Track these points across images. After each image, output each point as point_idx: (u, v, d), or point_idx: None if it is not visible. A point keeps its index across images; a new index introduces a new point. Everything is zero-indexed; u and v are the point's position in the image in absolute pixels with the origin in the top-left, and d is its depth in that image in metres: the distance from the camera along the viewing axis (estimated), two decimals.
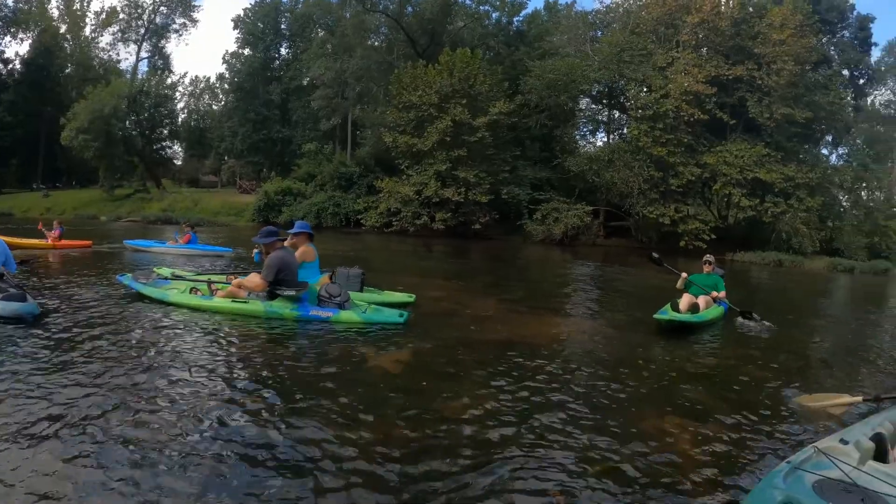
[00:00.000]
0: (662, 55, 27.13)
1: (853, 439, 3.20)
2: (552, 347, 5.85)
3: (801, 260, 25.37)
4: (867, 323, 11.52)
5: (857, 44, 34.15)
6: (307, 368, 4.50)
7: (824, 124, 29.24)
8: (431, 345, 5.46)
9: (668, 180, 25.51)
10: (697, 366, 5.66)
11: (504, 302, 8.62)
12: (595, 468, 3.16)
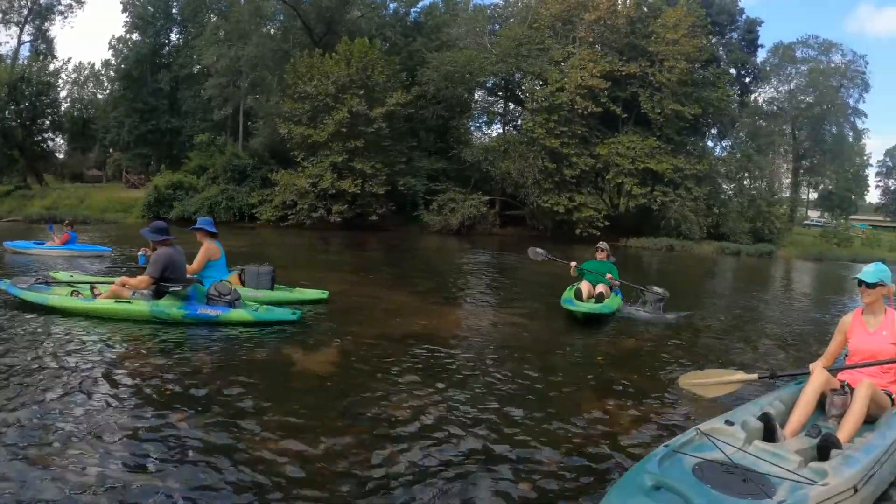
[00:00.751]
0: (559, 50, 28.04)
1: (739, 420, 3.20)
2: (470, 338, 6.07)
3: (691, 245, 27.13)
4: (760, 302, 12.38)
5: (744, 45, 36.35)
6: (230, 377, 4.20)
7: (711, 119, 31.09)
8: (357, 342, 5.47)
9: (563, 171, 26.32)
10: (606, 351, 5.93)
11: (416, 294, 8.75)
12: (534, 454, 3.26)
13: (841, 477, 2.69)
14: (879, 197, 68.42)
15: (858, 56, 44.27)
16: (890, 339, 3.86)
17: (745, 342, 7.14)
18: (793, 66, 43.72)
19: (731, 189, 33.03)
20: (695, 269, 19.04)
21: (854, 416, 3.40)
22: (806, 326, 9.31)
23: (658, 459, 2.70)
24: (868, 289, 3.88)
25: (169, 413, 3.39)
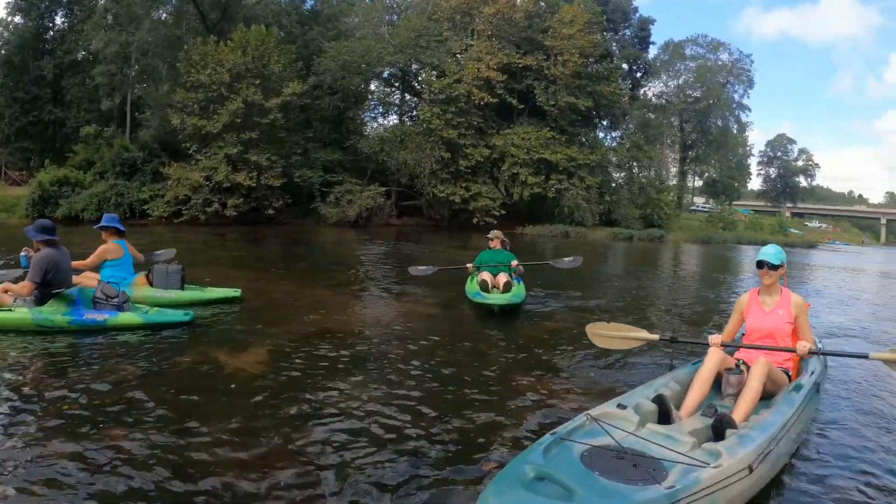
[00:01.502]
0: (457, 42, 28.65)
1: (632, 403, 3.18)
2: (386, 330, 6.12)
3: (585, 231, 28.64)
4: (657, 283, 13.11)
5: (637, 42, 38.60)
6: (159, 384, 4.01)
7: (604, 111, 32.63)
8: (280, 339, 5.40)
9: (459, 161, 26.88)
10: (510, 339, 5.98)
11: (327, 288, 8.70)
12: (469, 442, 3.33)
13: (735, 457, 2.66)
14: (761, 184, 74.81)
15: (745, 55, 47.99)
16: (786, 318, 3.97)
17: (646, 321, 7.34)
18: (682, 62, 46.78)
19: (622, 177, 34.84)
20: (592, 254, 19.79)
21: (749, 394, 3.43)
22: (701, 304, 9.76)
23: (543, 448, 2.61)
24: (770, 270, 3.97)
25: (104, 430, 3.20)
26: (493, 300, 6.94)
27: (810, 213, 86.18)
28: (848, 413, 4.37)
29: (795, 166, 73.18)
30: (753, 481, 2.73)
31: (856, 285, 16.92)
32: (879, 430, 4.05)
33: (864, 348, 6.78)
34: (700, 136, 47.25)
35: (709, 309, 9.04)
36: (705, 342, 3.87)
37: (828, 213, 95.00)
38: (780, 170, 72.74)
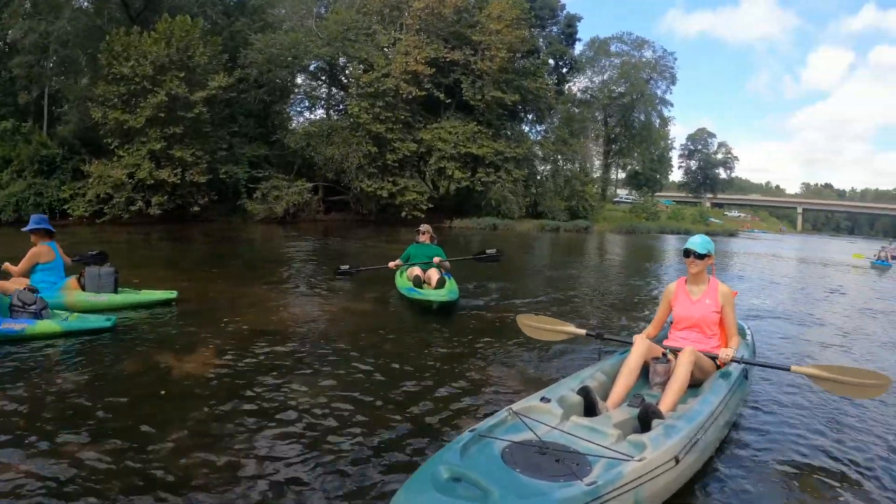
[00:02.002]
0: (386, 36, 28.80)
1: (556, 396, 3.14)
2: (323, 327, 6.13)
3: (513, 223, 29.65)
4: (585, 272, 13.58)
5: (563, 38, 39.61)
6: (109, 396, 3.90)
7: (530, 105, 33.40)
8: (224, 340, 5.37)
9: (386, 155, 27.42)
10: (441, 333, 6.12)
11: (263, 286, 8.66)
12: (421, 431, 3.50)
13: (660, 448, 2.64)
14: (682, 176, 78.60)
15: (668, 53, 50.35)
16: (713, 306, 4.03)
17: (575, 313, 7.66)
18: (607, 59, 48.65)
19: (548, 170, 36.00)
20: (521, 246, 20.57)
21: (676, 383, 3.44)
22: (629, 294, 10.14)
23: (461, 447, 2.53)
24: (697, 259, 4.02)
25: (59, 447, 3.09)
26: (431, 296, 6.91)
27: (730, 204, 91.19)
28: (777, 397, 4.58)
29: (715, 159, 77.11)
30: (680, 472, 2.73)
31: (776, 270, 18.37)
32: (807, 414, 4.27)
33: (787, 331, 7.60)
34: (623, 130, 49.24)
35: (637, 298, 9.43)
36: (630, 341, 3.85)
37: (746, 203, 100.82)
38: (700, 162, 76.56)
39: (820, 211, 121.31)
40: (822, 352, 6.66)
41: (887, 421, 4.27)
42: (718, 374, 3.75)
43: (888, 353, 6.77)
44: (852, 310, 10.57)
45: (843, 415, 4.31)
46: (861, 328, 8.47)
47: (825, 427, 4.05)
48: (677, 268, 15.51)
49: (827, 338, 7.49)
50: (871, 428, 4.11)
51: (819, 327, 8.27)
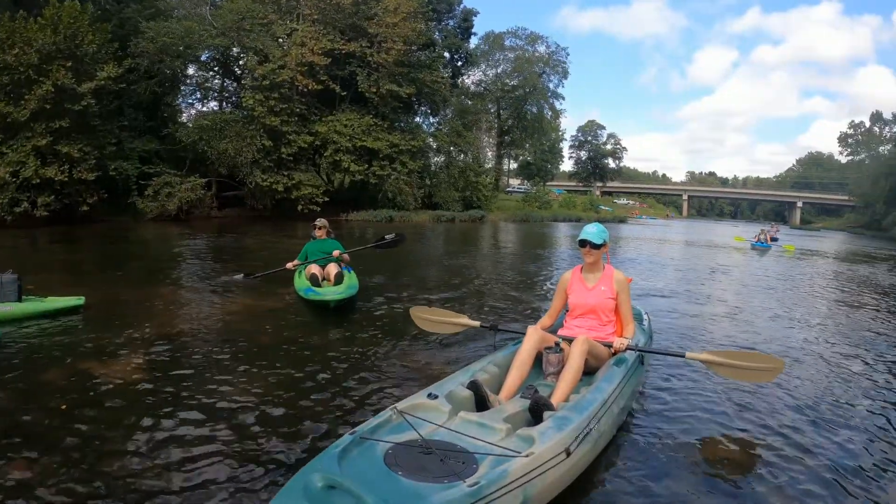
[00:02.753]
0: (282, 26, 28.57)
1: (444, 391, 3.10)
2: (230, 329, 6.11)
3: (409, 214, 30.57)
4: (481, 261, 13.99)
5: (459, 32, 40.85)
6: (37, 410, 3.81)
7: (425, 98, 34.12)
8: (142, 345, 5.32)
9: (281, 149, 27.49)
10: (341, 328, 6.26)
11: (169, 287, 8.55)
12: None
13: (549, 441, 2.62)
14: (572, 166, 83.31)
15: (561, 48, 53.19)
16: (608, 293, 4.12)
17: (472, 303, 7.90)
18: (501, 52, 50.96)
19: (442, 162, 37.15)
20: (417, 237, 20.96)
21: (569, 372, 3.45)
22: (523, 282, 10.38)
23: (340, 451, 2.44)
24: (593, 248, 4.08)
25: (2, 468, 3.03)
26: (328, 295, 6.78)
27: (619, 192, 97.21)
28: (674, 382, 4.75)
29: (605, 149, 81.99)
30: (572, 465, 2.71)
31: (666, 254, 19.91)
32: (704, 398, 4.43)
33: (682, 313, 8.09)
34: (516, 122, 51.85)
35: (533, 287, 9.74)
36: (524, 332, 3.84)
37: (635, 191, 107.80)
38: (590, 153, 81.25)
39: (704, 197, 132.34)
40: (717, 333, 7.05)
41: (781, 403, 4.47)
42: (613, 362, 3.79)
43: (777, 331, 7.40)
44: (741, 289, 11.55)
45: (739, 398, 4.48)
46: (750, 307, 9.24)
47: (721, 411, 4.22)
48: (572, 254, 16.13)
49: (720, 318, 8.12)
50: (765, 410, 4.30)
51: (711, 308, 8.97)
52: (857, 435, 3.98)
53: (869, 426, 4.19)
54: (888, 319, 9.03)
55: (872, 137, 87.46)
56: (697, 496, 3.04)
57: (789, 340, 6.85)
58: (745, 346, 6.29)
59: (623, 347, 3.91)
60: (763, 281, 13.32)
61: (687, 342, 6.33)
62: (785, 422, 4.10)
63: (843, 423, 4.19)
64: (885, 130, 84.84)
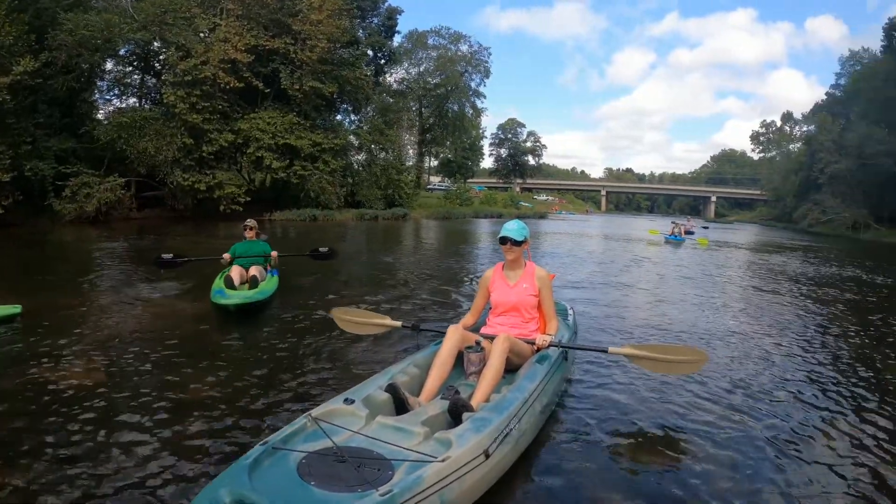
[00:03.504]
0: (205, 21, 28.23)
1: (361, 396, 3.07)
2: (156, 334, 6.06)
3: (333, 213, 30.97)
4: (405, 259, 14.14)
5: (383, 30, 41.60)
6: None
7: (348, 96, 34.82)
8: (92, 350, 5.39)
9: (203, 147, 27.37)
10: (261, 332, 6.26)
11: (103, 292, 8.54)
12: None
13: (467, 444, 2.61)
14: (493, 163, 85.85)
15: (483, 47, 55.34)
16: (530, 290, 4.14)
17: (395, 302, 7.96)
18: (424, 51, 52.60)
19: (364, 160, 37.98)
20: (341, 236, 21.39)
21: (490, 371, 3.45)
22: (447, 280, 10.49)
23: (250, 464, 2.40)
24: (514, 246, 4.11)
25: None
26: (229, 300, 6.71)
27: (539, 188, 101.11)
28: (599, 376, 4.86)
29: (525, 147, 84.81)
30: (491, 467, 2.70)
31: (584, 247, 20.89)
32: (628, 392, 4.55)
33: (604, 306, 8.35)
34: (438, 120, 53.76)
35: (457, 285, 9.83)
36: (444, 330, 3.86)
37: (554, 188, 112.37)
38: (510, 150, 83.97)
39: (622, 193, 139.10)
40: (640, 325, 7.27)
41: (706, 394, 4.63)
42: (535, 359, 3.80)
43: (698, 320, 7.80)
44: (660, 281, 12.15)
45: (664, 390, 4.62)
46: (671, 297, 9.75)
47: (647, 405, 4.32)
48: (494, 251, 16.44)
49: (642, 310, 8.46)
50: (689, 402, 4.42)
51: (633, 300, 9.38)
52: (778, 422, 4.21)
53: (790, 411, 4.46)
54: (800, 304, 9.96)
55: (783, 136, 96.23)
56: (621, 493, 3.08)
57: (710, 329, 7.25)
58: (668, 336, 6.74)
59: (546, 344, 3.97)
60: (681, 272, 14.08)
61: (611, 335, 6.55)
62: (709, 412, 4.25)
63: (764, 410, 4.42)
64: (795, 129, 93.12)
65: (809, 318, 8.84)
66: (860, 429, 4.24)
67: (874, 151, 45.44)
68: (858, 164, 48.91)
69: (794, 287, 12.42)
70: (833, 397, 4.90)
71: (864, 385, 5.34)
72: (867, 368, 5.96)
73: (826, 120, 58.97)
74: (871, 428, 4.26)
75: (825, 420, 4.34)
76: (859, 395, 5.02)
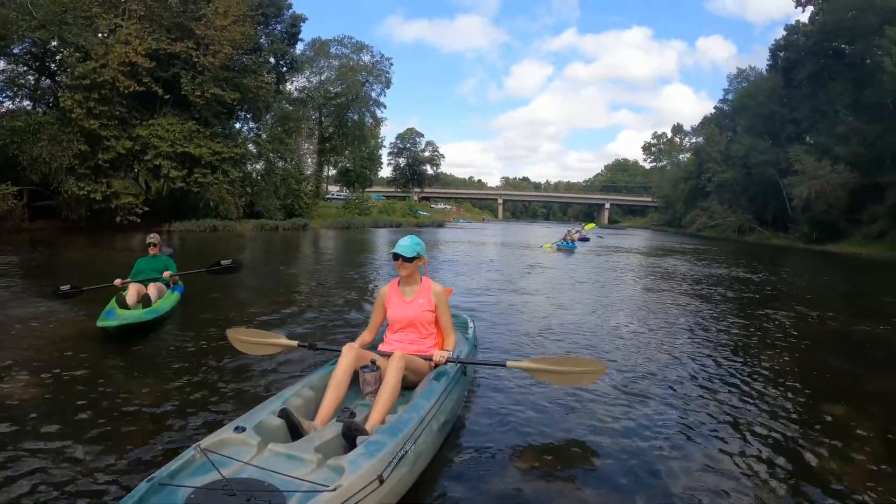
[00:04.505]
0: (106, 21, 27.44)
1: (253, 423, 3.01)
2: (56, 359, 5.75)
3: (233, 224, 31.16)
4: (306, 270, 14.13)
5: (286, 37, 42.15)
6: None
7: (249, 104, 34.92)
8: (19, 371, 5.28)
9: (99, 154, 26.85)
10: (151, 354, 6.03)
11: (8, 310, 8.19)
12: None
13: (360, 470, 2.61)
14: (391, 172, 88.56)
15: (385, 58, 56.94)
16: (426, 306, 4.16)
17: (293, 318, 7.84)
18: (326, 59, 53.45)
19: (263, 169, 38.20)
20: (240, 248, 21.36)
21: (385, 391, 3.45)
22: (346, 294, 10.38)
23: (135, 502, 2.32)
24: (406, 262, 4.11)
25: None
26: (109, 322, 6.33)
27: (437, 197, 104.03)
28: (499, 390, 4.87)
29: (423, 156, 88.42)
30: (386, 492, 2.70)
31: (482, 255, 21.63)
32: (529, 404, 4.58)
33: (503, 318, 8.39)
34: (337, 129, 54.68)
35: (355, 300, 9.73)
36: (340, 349, 3.83)
37: (452, 196, 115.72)
38: (409, 159, 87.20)
39: (519, 201, 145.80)
40: (539, 333, 7.34)
41: (605, 402, 4.74)
42: (432, 376, 3.80)
43: (594, 327, 8.02)
44: (558, 288, 12.36)
45: (565, 401, 4.68)
46: (570, 304, 10.01)
47: (548, 416, 4.36)
48: (392, 262, 16.68)
49: (539, 318, 8.54)
50: (589, 411, 4.50)
51: (532, 308, 9.46)
52: (674, 422, 4.45)
53: (689, 410, 4.71)
54: (688, 303, 10.72)
55: (673, 146, 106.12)
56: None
57: (606, 334, 7.55)
58: (566, 342, 6.98)
59: (443, 360, 3.98)
60: (576, 276, 14.61)
61: (512, 346, 6.61)
62: (609, 418, 4.38)
63: (660, 411, 4.65)
64: (684, 140, 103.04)
65: (697, 315, 9.55)
66: (751, 420, 4.64)
67: (758, 161, 51.84)
68: (743, 173, 55.94)
69: (683, 287, 13.43)
70: (722, 391, 5.38)
71: (747, 374, 6.01)
72: (751, 358, 6.70)
73: (714, 132, 67.10)
74: (758, 416, 4.74)
75: (715, 416, 4.70)
76: (746, 386, 5.57)
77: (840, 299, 13.89)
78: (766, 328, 8.80)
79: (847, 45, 44.39)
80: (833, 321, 9.92)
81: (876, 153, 40.59)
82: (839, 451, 4.08)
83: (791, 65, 49.35)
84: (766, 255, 31.27)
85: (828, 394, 5.55)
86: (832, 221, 42.18)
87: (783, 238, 47.91)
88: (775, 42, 53.40)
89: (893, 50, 35.21)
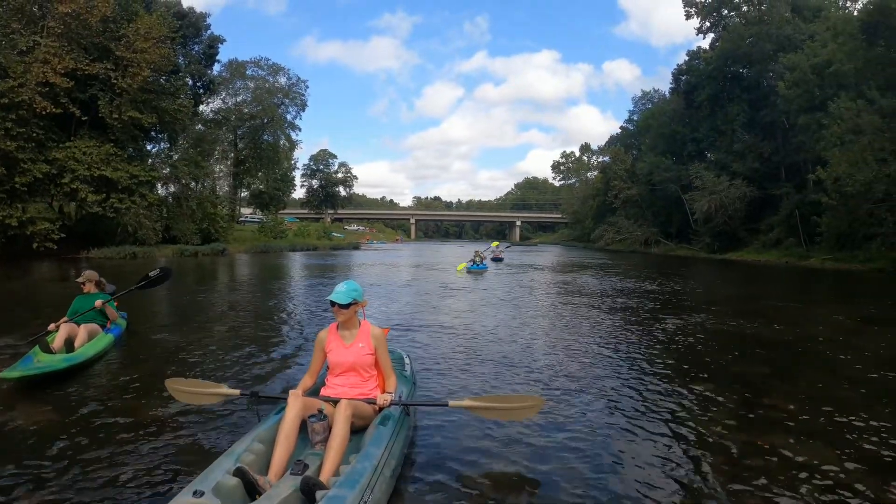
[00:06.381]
0: (24, 38, 27.63)
1: (210, 486, 2.95)
2: None
3: (152, 250, 31.56)
4: (233, 306, 13.31)
5: (204, 58, 43.56)
6: None
7: (166, 127, 35.56)
8: None
9: (15, 178, 26.74)
10: (81, 403, 5.58)
11: None
12: None
13: None
14: (304, 194, 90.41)
15: (301, 80, 59.23)
16: (366, 349, 4.32)
17: (229, 364, 7.28)
18: (242, 81, 55.07)
19: (179, 192, 38.49)
20: None
21: (335, 441, 3.55)
22: (279, 332, 9.85)
23: None
24: (342, 309, 4.23)
25: None
26: (12, 373, 5.76)
27: (350, 218, 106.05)
28: (441, 429, 4.99)
29: (336, 178, 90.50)
30: None
31: (397, 277, 21.93)
32: (472, 440, 4.74)
33: (432, 350, 8.28)
34: (252, 151, 56.08)
35: (290, 339, 9.16)
36: (286, 397, 3.85)
37: (365, 217, 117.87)
38: (322, 181, 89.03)
39: (430, 220, 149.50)
40: (467, 365, 7.38)
41: (547, 432, 4.93)
42: (378, 421, 3.91)
43: (526, 352, 8.23)
44: (474, 311, 12.56)
45: (507, 433, 4.85)
46: (488, 329, 10.07)
47: (492, 449, 4.53)
48: (321, 291, 16.14)
49: (464, 347, 8.54)
50: (532, 441, 4.72)
51: (454, 336, 9.41)
52: (612, 440, 4.78)
53: (626, 431, 4.99)
54: (600, 314, 11.58)
55: (581, 165, 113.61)
56: None
57: (532, 362, 7.63)
58: (501, 369, 7.16)
59: (387, 403, 4.08)
60: (492, 300, 14.77)
61: (445, 380, 6.60)
62: (549, 446, 4.60)
63: (594, 429, 5.00)
64: (592, 159, 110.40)
65: (611, 328, 10.28)
66: (678, 425, 5.09)
67: (661, 178, 57.53)
68: (648, 190, 61.99)
69: (593, 300, 14.34)
70: (639, 401, 5.84)
71: (665, 378, 6.67)
72: (665, 361, 7.43)
73: (619, 151, 73.35)
74: (684, 419, 5.21)
75: (637, 422, 5.17)
76: (665, 392, 6.10)
77: (727, 303, 15.34)
78: (669, 333, 9.85)
79: (744, 69, 50.30)
80: (723, 323, 11.21)
81: (771, 168, 46.71)
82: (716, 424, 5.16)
83: (692, 87, 54.97)
84: (671, 265, 34.41)
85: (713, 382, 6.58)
86: (732, 232, 47.78)
87: (687, 249, 53.20)
88: (677, 66, 59.47)
89: (787, 74, 40.58)
